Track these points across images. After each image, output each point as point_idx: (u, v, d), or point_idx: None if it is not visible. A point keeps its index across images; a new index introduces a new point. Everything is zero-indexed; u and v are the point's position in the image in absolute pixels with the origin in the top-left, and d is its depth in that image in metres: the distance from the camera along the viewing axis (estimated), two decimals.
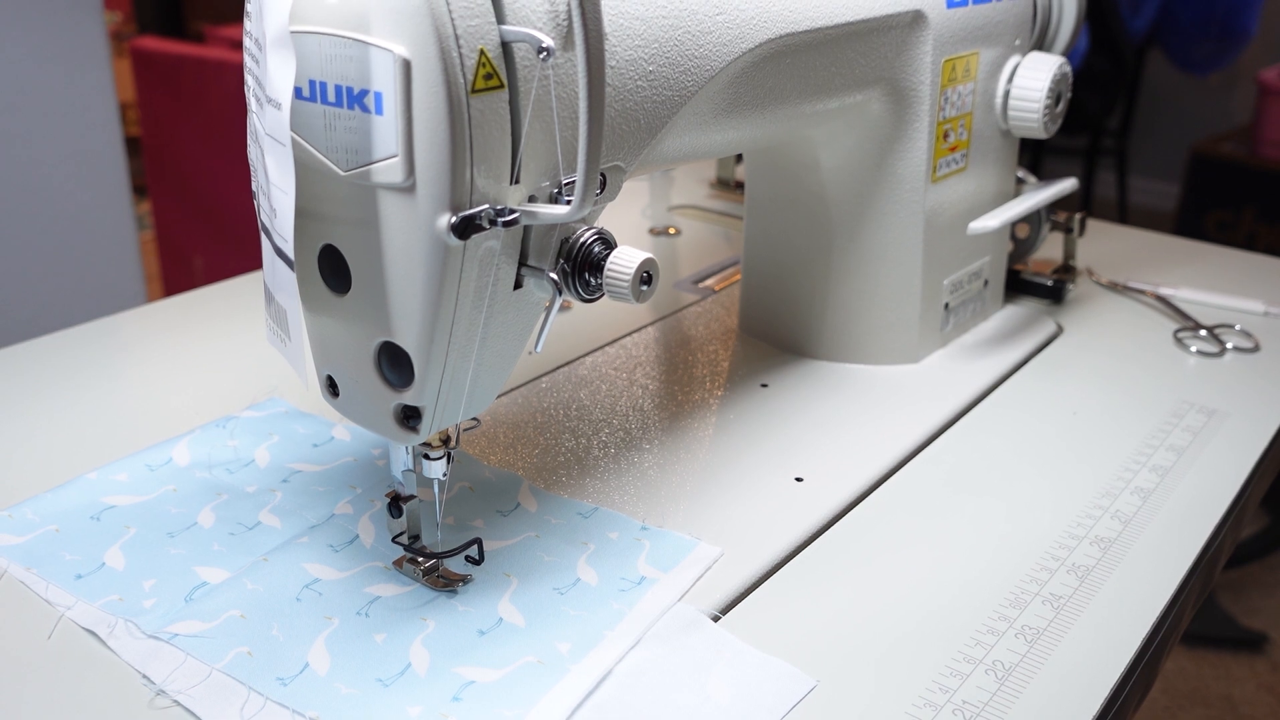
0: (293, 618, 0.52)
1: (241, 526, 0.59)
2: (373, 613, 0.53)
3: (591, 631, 0.52)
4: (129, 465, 0.64)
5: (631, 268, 0.49)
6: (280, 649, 0.50)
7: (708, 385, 0.75)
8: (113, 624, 0.52)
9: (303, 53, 0.45)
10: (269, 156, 0.46)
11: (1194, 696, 1.64)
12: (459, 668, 0.50)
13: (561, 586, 0.55)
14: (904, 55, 0.70)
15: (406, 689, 0.49)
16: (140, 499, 0.61)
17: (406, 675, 0.49)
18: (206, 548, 0.57)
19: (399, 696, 0.48)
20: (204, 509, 0.60)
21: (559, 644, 0.51)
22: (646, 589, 0.55)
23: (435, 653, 0.50)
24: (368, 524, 0.59)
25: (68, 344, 0.81)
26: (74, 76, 1.43)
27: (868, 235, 0.75)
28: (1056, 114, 0.78)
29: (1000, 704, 0.49)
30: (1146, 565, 0.59)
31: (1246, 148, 2.72)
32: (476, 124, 0.44)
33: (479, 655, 0.50)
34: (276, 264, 0.48)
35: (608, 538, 0.59)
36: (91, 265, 1.51)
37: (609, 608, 0.54)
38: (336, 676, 0.49)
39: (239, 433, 0.68)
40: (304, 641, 0.51)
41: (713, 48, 0.56)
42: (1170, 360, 0.81)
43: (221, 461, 0.65)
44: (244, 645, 0.50)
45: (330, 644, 0.51)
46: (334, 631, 0.52)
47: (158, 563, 0.56)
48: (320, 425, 0.69)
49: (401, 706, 0.48)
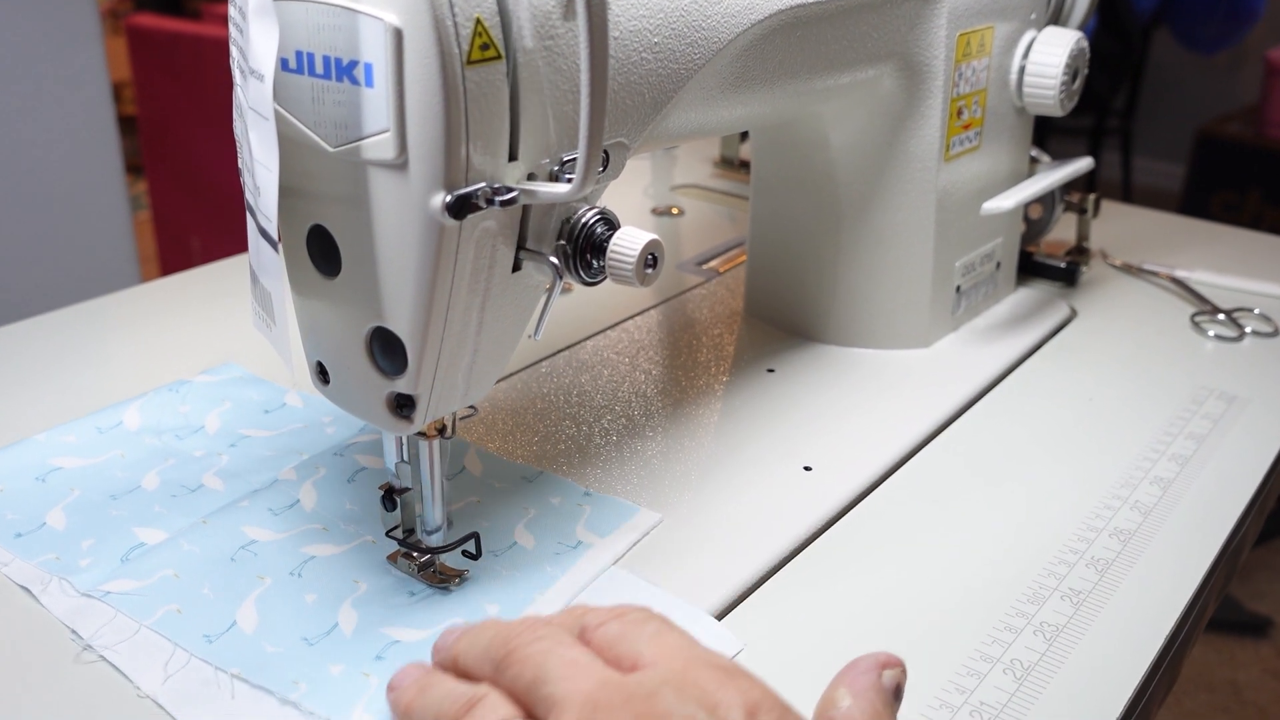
0: (225, 577, 0.52)
1: (184, 489, 0.59)
2: (305, 573, 0.53)
3: (522, 595, 0.52)
4: (78, 428, 0.65)
5: (636, 249, 0.47)
6: (210, 607, 0.51)
7: (712, 370, 0.73)
8: (46, 581, 0.52)
9: (289, 21, 0.42)
10: (252, 131, 0.43)
11: (1198, 681, 1.63)
12: (386, 628, 0.50)
13: (497, 550, 0.55)
14: (918, 29, 0.68)
15: (331, 647, 0.49)
16: (87, 461, 0.61)
17: (333, 634, 0.50)
18: (148, 510, 0.58)
19: (323, 655, 0.48)
20: (149, 473, 0.61)
21: (488, 605, 0.51)
22: (582, 553, 0.55)
23: (364, 613, 0.51)
24: (310, 489, 0.59)
25: (60, 325, 0.79)
26: (66, 54, 1.41)
27: (878, 216, 0.73)
28: (1073, 91, 0.76)
29: (1019, 705, 0.47)
30: (1169, 558, 0.57)
31: (1253, 128, 2.70)
32: (472, 97, 0.42)
33: (407, 617, 0.51)
34: (261, 245, 0.45)
35: (549, 503, 0.59)
36: (84, 246, 1.49)
37: (542, 571, 0.54)
38: (263, 635, 0.49)
39: (191, 398, 0.68)
40: (234, 600, 0.51)
41: (721, 18, 0.54)
42: (1188, 345, 0.79)
43: (171, 427, 0.65)
44: (174, 604, 0.51)
45: (260, 603, 0.51)
46: (265, 591, 0.52)
47: (98, 524, 0.56)
48: (273, 391, 0.69)
49: (324, 665, 0.48)
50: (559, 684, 0.34)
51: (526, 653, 0.36)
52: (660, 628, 0.35)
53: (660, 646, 0.35)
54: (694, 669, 0.33)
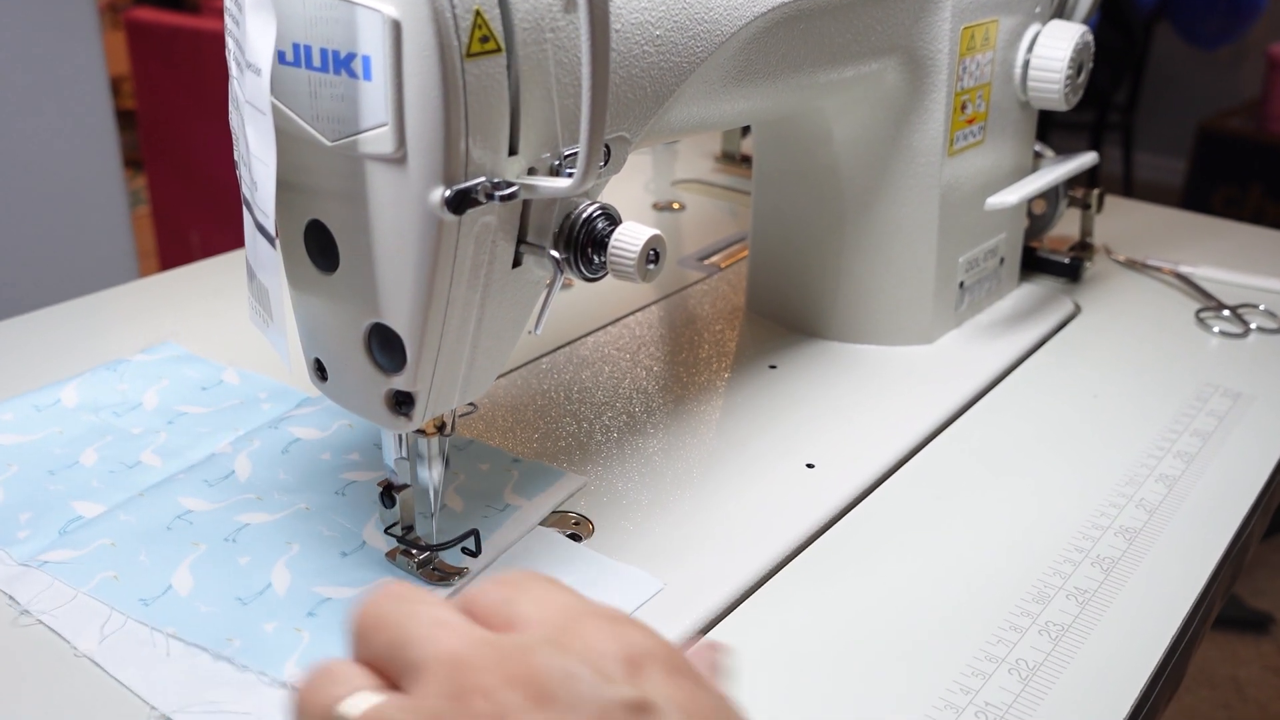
0: (161, 545, 0.54)
1: (122, 465, 0.60)
2: (240, 539, 0.54)
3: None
4: (16, 405, 0.65)
5: (638, 245, 0.46)
6: (145, 572, 0.52)
7: (714, 366, 0.73)
8: None
9: (285, 14, 0.42)
10: (249, 125, 0.43)
11: (1199, 678, 1.63)
12: (318, 587, 0.51)
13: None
14: (922, 22, 0.67)
15: (264, 606, 0.50)
16: (25, 439, 0.62)
17: (266, 594, 0.51)
18: (85, 485, 0.58)
19: (256, 613, 0.50)
20: (87, 449, 0.61)
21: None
22: (509, 515, 0.56)
23: (296, 574, 0.52)
24: (245, 460, 0.60)
25: (59, 319, 0.79)
26: (64, 49, 1.40)
27: (881, 211, 0.72)
28: (1078, 85, 0.75)
29: (1025, 705, 0.47)
30: (1174, 557, 0.56)
31: (1254, 123, 2.69)
32: (472, 91, 0.41)
33: (338, 576, 0.52)
34: (258, 239, 0.45)
35: (478, 469, 0.60)
36: (83, 240, 1.49)
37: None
38: (198, 597, 0.51)
39: (129, 376, 0.69)
40: (169, 566, 0.52)
41: (724, 11, 0.53)
42: (1192, 341, 0.79)
43: (109, 404, 0.66)
44: (111, 570, 0.52)
45: (194, 567, 0.52)
46: (199, 556, 0.53)
47: (36, 498, 0.57)
48: (210, 369, 0.70)
49: (257, 622, 0.49)
50: (422, 646, 0.30)
51: (387, 615, 0.31)
52: (546, 587, 0.32)
53: (543, 606, 0.31)
54: (576, 622, 0.30)
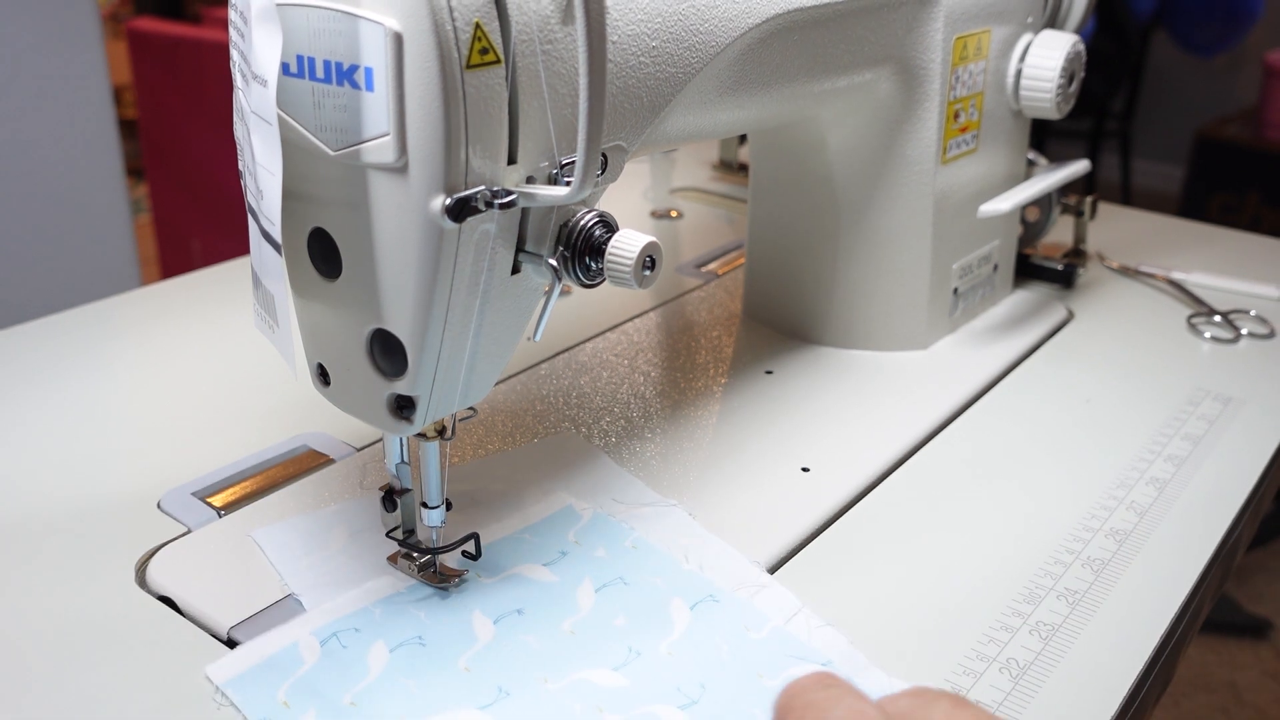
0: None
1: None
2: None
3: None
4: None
5: (634, 252, 0.47)
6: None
7: (711, 372, 0.73)
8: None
9: (290, 26, 0.43)
10: (255, 135, 0.44)
11: (1197, 683, 1.63)
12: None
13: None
14: (914, 32, 0.68)
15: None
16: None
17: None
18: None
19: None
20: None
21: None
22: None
23: None
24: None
25: (61, 328, 0.79)
26: (67, 58, 1.41)
27: (875, 218, 0.73)
28: (1070, 94, 0.76)
29: (1015, 703, 0.48)
30: (1164, 559, 0.57)
31: (1251, 130, 2.70)
32: (472, 101, 0.42)
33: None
34: (263, 247, 0.46)
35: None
36: (85, 249, 1.49)
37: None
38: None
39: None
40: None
41: (719, 22, 0.54)
42: (1184, 346, 0.80)
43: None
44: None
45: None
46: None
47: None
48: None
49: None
50: None
51: (812, 697, 0.35)
52: (955, 702, 0.34)
53: (952, 718, 0.33)
54: None
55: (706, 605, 0.52)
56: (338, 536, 0.56)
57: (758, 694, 0.47)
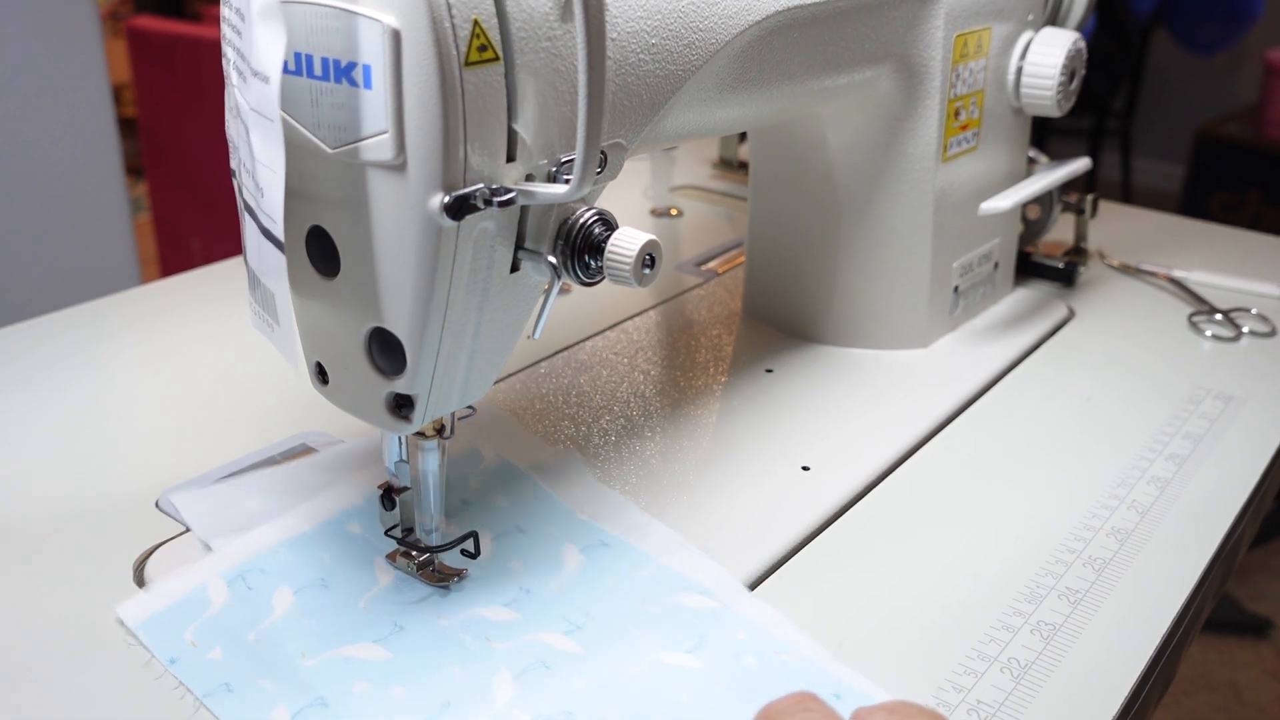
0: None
1: None
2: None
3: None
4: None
5: (634, 250, 0.47)
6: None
7: (711, 370, 0.73)
8: None
9: (288, 24, 0.42)
10: (255, 133, 0.43)
11: (1198, 682, 1.63)
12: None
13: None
14: (915, 30, 0.68)
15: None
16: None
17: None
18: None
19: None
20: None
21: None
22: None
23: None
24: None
25: (60, 326, 0.79)
26: (66, 56, 1.41)
27: (876, 216, 0.73)
28: (1070, 91, 0.76)
29: (1016, 703, 0.47)
30: (1165, 558, 0.57)
31: (1252, 129, 2.70)
32: (470, 99, 0.42)
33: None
34: (263, 245, 0.45)
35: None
36: (85, 247, 1.49)
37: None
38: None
39: None
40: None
41: (719, 20, 0.54)
42: (1185, 345, 0.79)
43: None
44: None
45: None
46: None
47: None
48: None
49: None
50: None
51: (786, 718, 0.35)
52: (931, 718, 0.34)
53: None
54: None
55: (597, 549, 0.55)
56: (249, 494, 0.58)
57: (640, 619, 0.51)
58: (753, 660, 0.49)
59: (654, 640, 0.50)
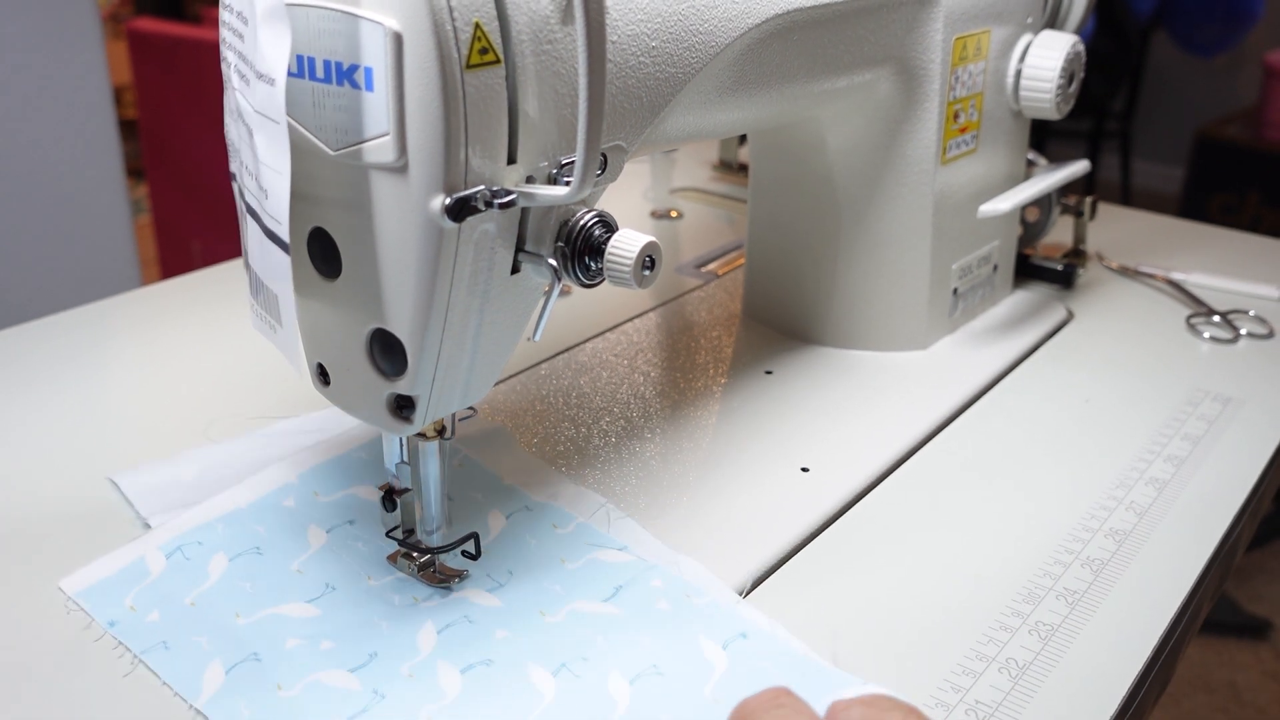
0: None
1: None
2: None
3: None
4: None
5: (634, 252, 0.47)
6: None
7: (711, 372, 0.74)
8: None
9: (290, 27, 0.43)
10: (259, 135, 0.44)
11: (1197, 683, 1.63)
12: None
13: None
14: (914, 33, 0.68)
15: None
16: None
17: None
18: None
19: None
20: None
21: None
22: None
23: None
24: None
25: (61, 328, 0.80)
26: (66, 58, 1.41)
27: (875, 219, 0.73)
28: (1069, 94, 0.76)
29: (1014, 703, 0.48)
30: (1163, 559, 0.57)
31: (1252, 130, 2.70)
32: (471, 101, 0.42)
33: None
34: (267, 247, 0.46)
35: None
36: (85, 249, 1.49)
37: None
38: None
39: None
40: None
41: (718, 23, 0.54)
42: (1183, 347, 0.80)
43: None
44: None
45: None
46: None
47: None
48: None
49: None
50: None
51: (762, 716, 0.36)
52: (905, 717, 0.35)
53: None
54: None
55: (520, 514, 0.58)
56: (188, 472, 0.61)
57: (560, 574, 0.54)
58: (666, 604, 0.52)
59: (572, 592, 0.53)
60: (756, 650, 0.49)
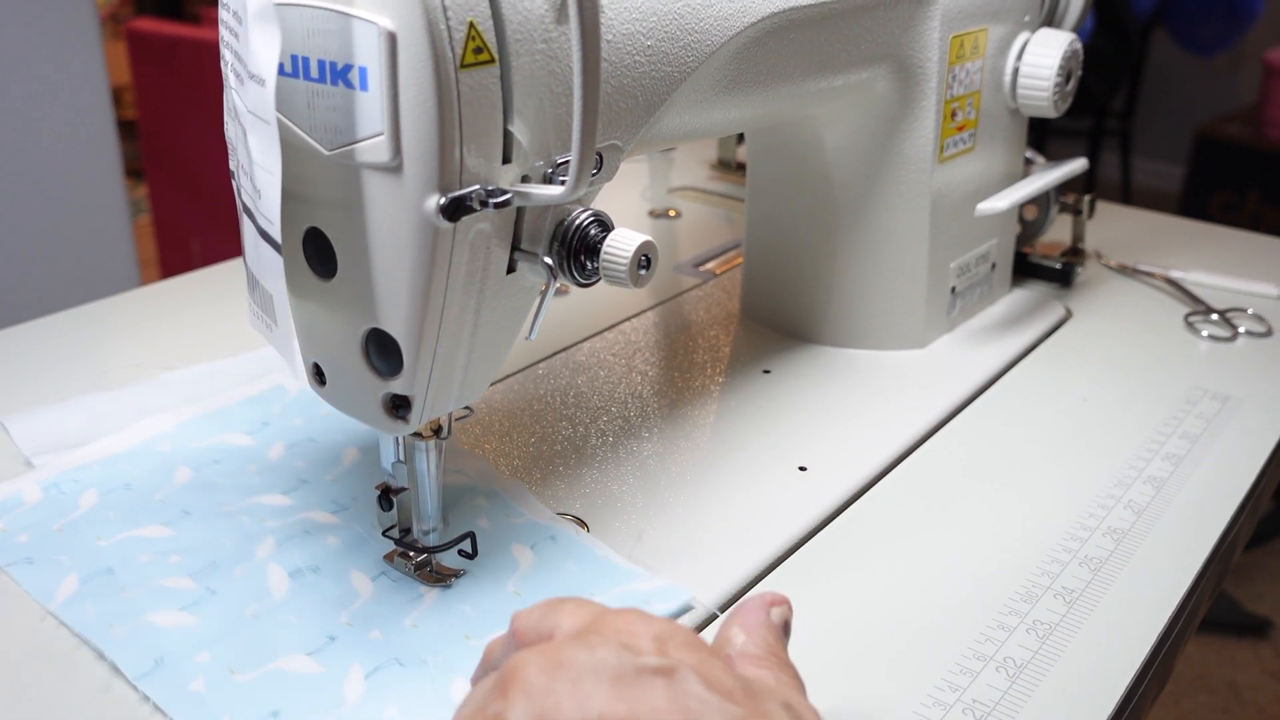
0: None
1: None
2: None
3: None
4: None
5: (629, 251, 0.47)
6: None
7: (708, 371, 0.73)
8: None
9: (284, 26, 0.42)
10: (252, 135, 0.44)
11: (1198, 683, 1.63)
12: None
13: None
14: (911, 31, 0.68)
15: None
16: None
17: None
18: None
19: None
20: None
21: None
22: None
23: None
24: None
25: (60, 328, 0.80)
26: (65, 59, 1.41)
27: (873, 217, 0.73)
28: (1067, 92, 0.76)
29: (1012, 702, 0.47)
30: (1161, 557, 0.57)
31: (1252, 129, 2.70)
32: (466, 100, 0.42)
33: None
34: (261, 247, 0.46)
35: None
36: (85, 249, 1.49)
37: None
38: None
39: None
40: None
41: (714, 21, 0.54)
42: (1182, 345, 0.80)
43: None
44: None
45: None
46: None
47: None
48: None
49: None
50: (496, 704, 0.34)
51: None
52: (577, 603, 0.37)
53: (577, 615, 0.36)
54: (605, 618, 0.35)
55: (373, 448, 0.62)
56: (78, 419, 0.66)
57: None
58: (485, 522, 0.57)
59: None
60: (561, 551, 0.55)
